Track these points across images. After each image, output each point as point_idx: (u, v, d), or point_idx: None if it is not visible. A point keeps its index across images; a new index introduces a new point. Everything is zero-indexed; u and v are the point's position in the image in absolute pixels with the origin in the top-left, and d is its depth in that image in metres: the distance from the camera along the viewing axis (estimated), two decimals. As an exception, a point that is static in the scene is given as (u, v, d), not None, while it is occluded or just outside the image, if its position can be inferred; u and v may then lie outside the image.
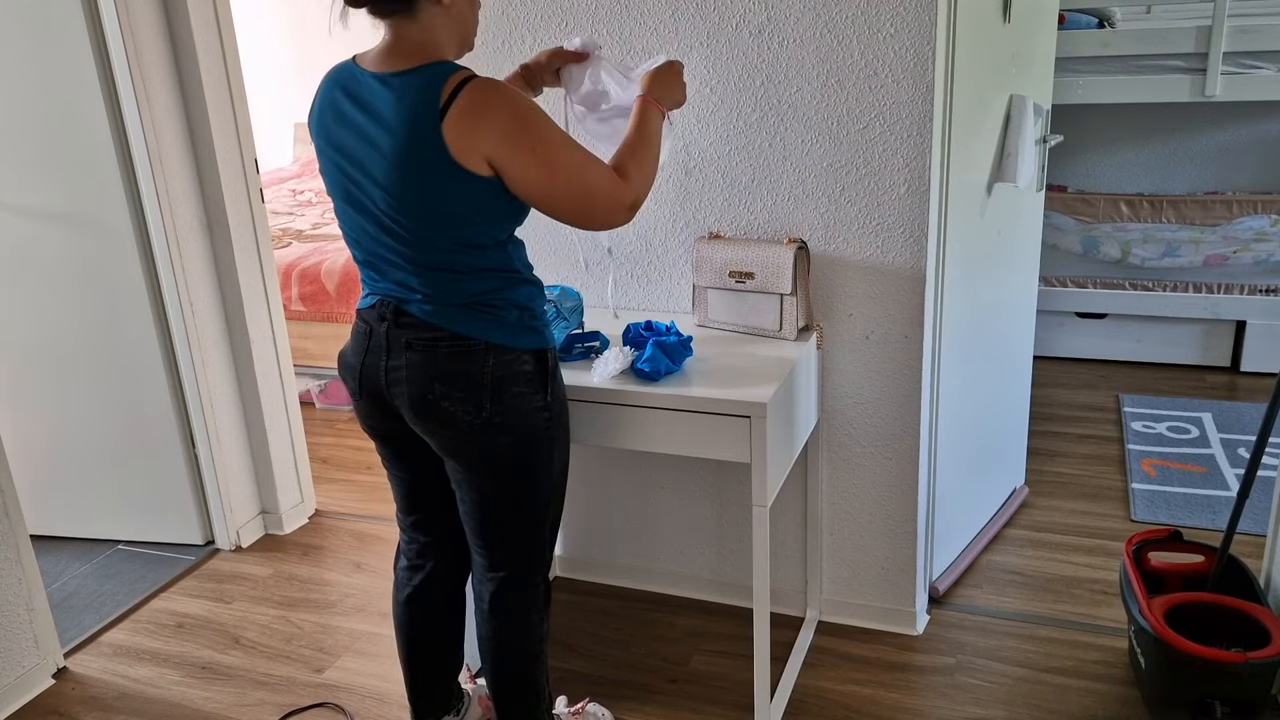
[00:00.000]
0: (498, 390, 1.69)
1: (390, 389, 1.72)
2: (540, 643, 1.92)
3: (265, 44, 5.93)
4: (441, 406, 1.69)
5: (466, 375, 1.67)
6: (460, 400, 1.68)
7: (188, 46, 2.71)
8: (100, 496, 3.08)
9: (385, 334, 1.70)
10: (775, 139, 2.24)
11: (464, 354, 1.67)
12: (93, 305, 2.85)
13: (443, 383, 1.68)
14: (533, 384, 1.73)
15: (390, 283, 1.69)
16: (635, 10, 2.27)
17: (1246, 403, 3.77)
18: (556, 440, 1.80)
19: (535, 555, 1.86)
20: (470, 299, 1.67)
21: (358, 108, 1.60)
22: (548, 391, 1.75)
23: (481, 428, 1.69)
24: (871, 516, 2.44)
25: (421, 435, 1.76)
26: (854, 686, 2.30)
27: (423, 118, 1.52)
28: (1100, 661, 2.34)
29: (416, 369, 1.68)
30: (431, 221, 1.61)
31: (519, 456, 1.74)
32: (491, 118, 1.53)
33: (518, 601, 1.87)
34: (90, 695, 2.43)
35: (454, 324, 1.67)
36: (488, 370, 1.68)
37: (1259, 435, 2.10)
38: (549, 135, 1.59)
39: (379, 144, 1.57)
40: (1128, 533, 2.87)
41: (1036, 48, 2.70)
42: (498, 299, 1.69)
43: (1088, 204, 4.27)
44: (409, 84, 1.55)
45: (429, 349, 1.68)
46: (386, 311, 1.70)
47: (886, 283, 2.24)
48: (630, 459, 2.63)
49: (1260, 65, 3.69)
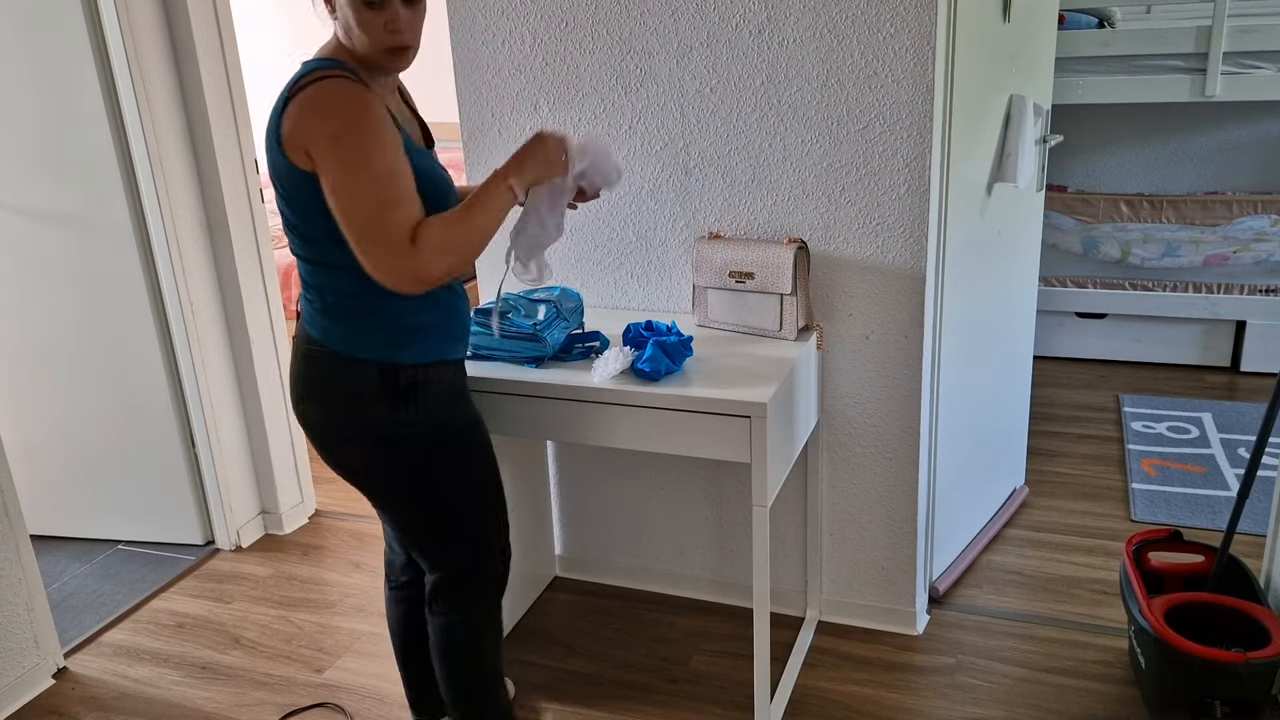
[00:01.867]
0: (346, 402, 1.65)
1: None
2: (473, 655, 1.89)
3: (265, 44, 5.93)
4: (303, 410, 1.69)
5: (320, 383, 1.65)
6: (318, 408, 1.66)
7: (188, 46, 2.71)
8: (100, 496, 3.08)
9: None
10: (775, 139, 2.24)
11: (318, 359, 1.65)
12: (93, 305, 2.85)
13: (305, 388, 1.67)
14: (382, 399, 1.65)
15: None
16: (635, 10, 2.27)
17: (1246, 403, 3.77)
18: (437, 459, 1.72)
19: (464, 563, 1.83)
20: (331, 302, 1.64)
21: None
22: (407, 407, 1.66)
23: (339, 438, 1.67)
24: (871, 516, 2.44)
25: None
26: (854, 686, 2.30)
27: (278, 106, 1.55)
28: (1100, 661, 2.34)
29: (291, 370, 1.70)
30: (289, 215, 1.60)
31: (381, 472, 1.70)
32: (321, 117, 1.50)
33: (453, 604, 1.86)
34: (90, 695, 2.43)
35: (315, 328, 1.66)
36: (337, 380, 1.64)
37: (1259, 435, 2.10)
38: (370, 156, 1.49)
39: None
40: (1128, 533, 2.87)
41: (1036, 48, 2.70)
42: (355, 304, 1.63)
43: (1088, 204, 4.27)
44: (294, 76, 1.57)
45: (298, 352, 1.69)
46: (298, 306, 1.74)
47: (886, 283, 2.24)
48: (630, 459, 2.63)
49: (1260, 65, 3.69)
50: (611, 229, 2.46)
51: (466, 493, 1.78)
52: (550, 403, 2.03)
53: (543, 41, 2.36)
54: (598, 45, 2.32)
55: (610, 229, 2.46)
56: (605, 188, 1.75)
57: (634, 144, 2.37)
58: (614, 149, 2.22)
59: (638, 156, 2.38)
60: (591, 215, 2.47)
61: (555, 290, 2.23)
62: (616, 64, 2.32)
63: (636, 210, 2.42)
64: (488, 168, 2.51)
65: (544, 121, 2.42)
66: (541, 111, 2.42)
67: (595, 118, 2.38)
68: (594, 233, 2.48)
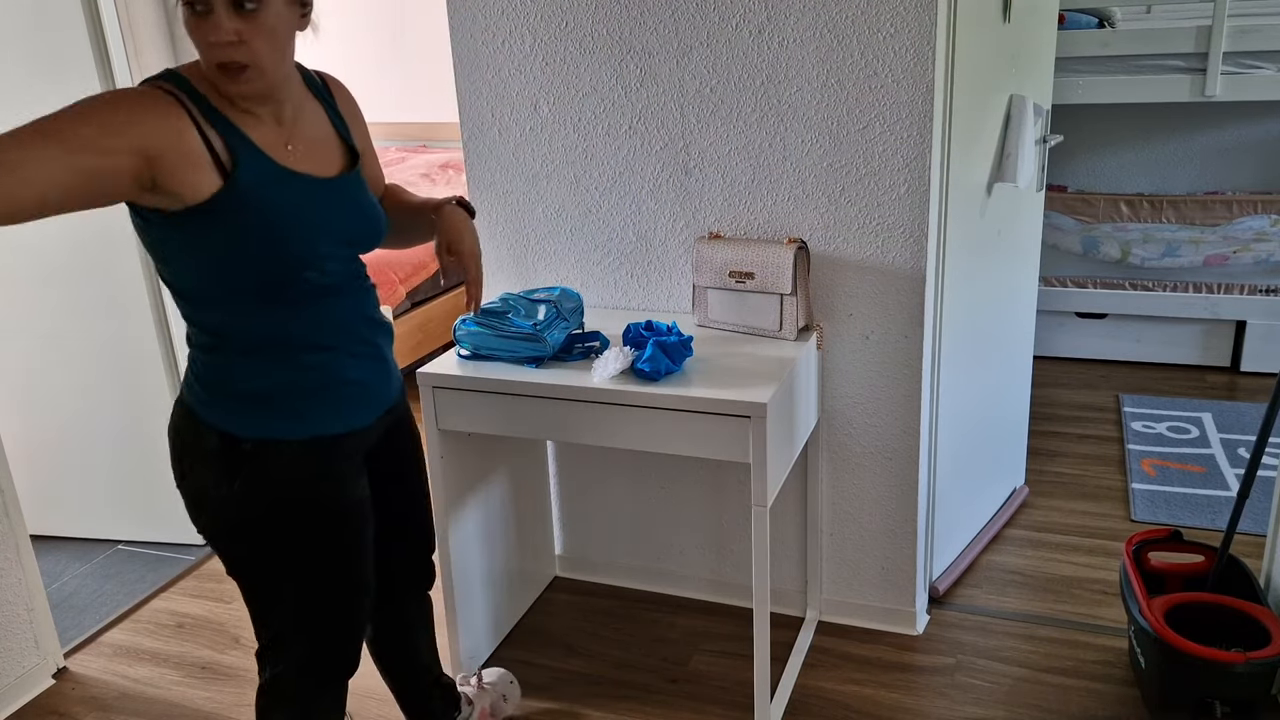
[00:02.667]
0: (182, 459, 1.54)
1: None
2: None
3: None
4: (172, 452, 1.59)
5: (171, 431, 1.56)
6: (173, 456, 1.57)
7: (188, 47, 2.71)
8: (100, 496, 3.08)
9: None
10: (775, 139, 2.24)
11: (176, 406, 1.55)
12: (92, 304, 2.85)
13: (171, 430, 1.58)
14: (215, 466, 1.50)
15: None
16: (635, 10, 2.27)
17: (1246, 403, 3.77)
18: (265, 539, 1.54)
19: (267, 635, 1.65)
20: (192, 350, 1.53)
21: None
22: (236, 481, 1.49)
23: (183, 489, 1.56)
24: (871, 516, 2.44)
25: None
26: (854, 686, 2.30)
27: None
28: (1100, 661, 2.34)
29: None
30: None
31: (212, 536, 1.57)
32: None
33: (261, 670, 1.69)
34: (90, 695, 2.43)
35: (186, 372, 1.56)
36: (178, 434, 1.54)
37: (1259, 435, 2.10)
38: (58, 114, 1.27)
39: None
40: (1128, 533, 2.87)
41: (1036, 48, 2.70)
42: (199, 358, 1.51)
43: (1088, 204, 4.27)
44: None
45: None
46: None
47: (886, 283, 2.24)
48: (630, 459, 2.63)
49: (1260, 65, 3.68)
50: (611, 229, 2.46)
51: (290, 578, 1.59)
52: (550, 403, 2.03)
53: (543, 41, 2.36)
54: (598, 45, 2.32)
55: (610, 229, 2.46)
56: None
57: (634, 144, 2.37)
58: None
59: (638, 156, 2.38)
60: (592, 215, 2.47)
61: (555, 290, 2.23)
62: (616, 64, 2.32)
63: (636, 210, 2.42)
64: (488, 167, 2.51)
65: (544, 121, 2.42)
66: (541, 111, 2.42)
67: (595, 117, 2.38)
68: (594, 233, 2.48)
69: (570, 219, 2.49)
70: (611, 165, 2.41)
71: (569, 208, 2.48)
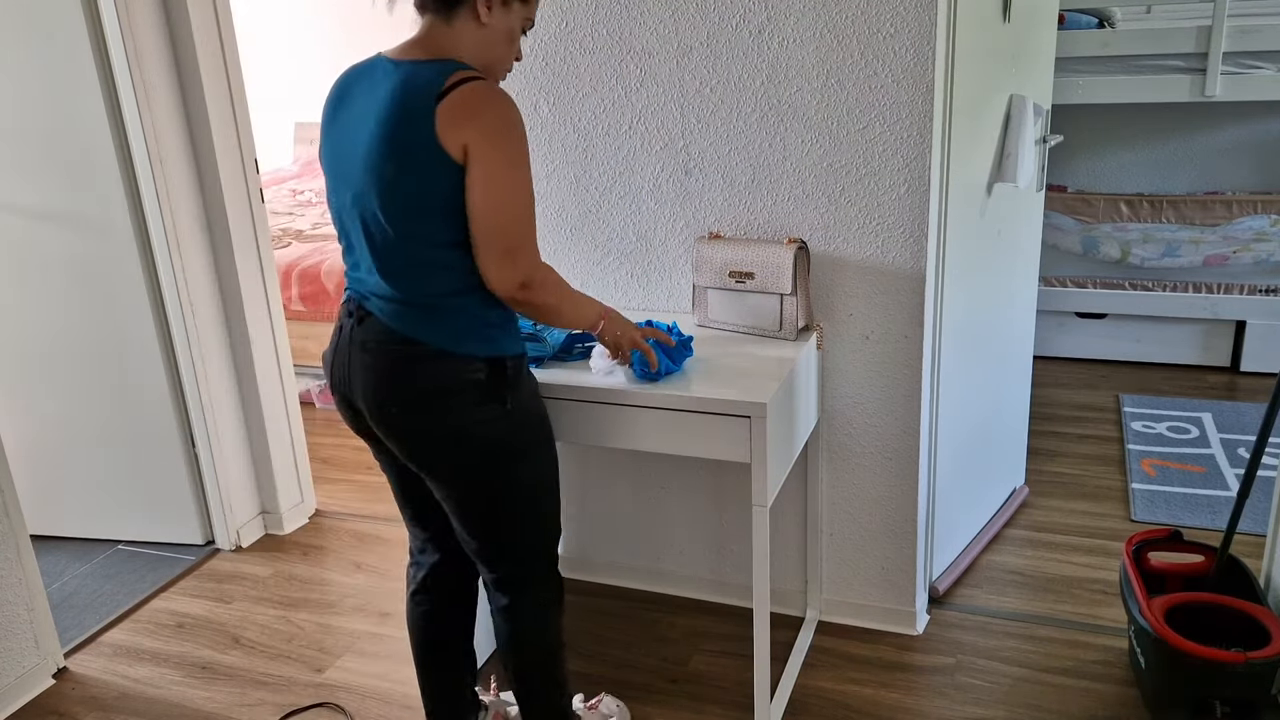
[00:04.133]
0: (447, 399, 1.65)
1: (354, 389, 1.70)
2: (553, 638, 1.92)
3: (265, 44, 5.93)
4: (392, 413, 1.66)
5: (416, 381, 1.64)
6: (413, 408, 1.65)
7: (188, 46, 2.71)
8: (100, 496, 3.08)
9: (349, 333, 1.70)
10: (775, 139, 2.24)
11: (413, 359, 1.64)
12: (93, 305, 2.85)
13: (395, 388, 1.65)
14: (485, 392, 1.67)
15: (363, 274, 1.68)
16: (635, 10, 2.27)
17: (1246, 403, 3.77)
18: (526, 450, 1.75)
19: (523, 556, 1.84)
20: (426, 299, 1.64)
21: (364, 90, 1.62)
22: (505, 400, 1.69)
23: (437, 437, 1.66)
24: (871, 516, 2.44)
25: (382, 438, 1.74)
26: (854, 686, 2.30)
27: (422, 95, 1.55)
28: (1100, 661, 2.34)
29: (370, 373, 1.66)
30: (398, 206, 1.59)
31: (477, 466, 1.70)
32: (485, 113, 1.55)
33: (519, 602, 1.87)
34: (90, 695, 2.43)
35: (406, 326, 1.64)
36: (438, 377, 1.64)
37: (1259, 435, 2.10)
38: (521, 163, 1.59)
39: (372, 120, 1.58)
40: (1128, 533, 2.87)
41: (1036, 48, 2.70)
42: (451, 302, 1.65)
43: (1088, 204, 4.27)
44: (420, 70, 1.58)
45: (381, 352, 1.66)
46: (353, 308, 1.70)
47: (886, 283, 2.24)
48: (630, 459, 2.63)
49: (1260, 65, 3.69)
50: (611, 229, 2.46)
51: (548, 481, 1.82)
52: (550, 403, 2.03)
53: (543, 41, 2.36)
54: (598, 45, 2.32)
55: (610, 229, 2.46)
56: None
57: (634, 144, 2.37)
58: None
59: (638, 156, 2.38)
60: (591, 215, 2.47)
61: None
62: (616, 64, 2.32)
63: (636, 210, 2.42)
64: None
65: (544, 121, 2.42)
66: (541, 111, 2.42)
67: (595, 117, 2.38)
68: (594, 233, 2.48)
69: (570, 219, 2.49)
70: (611, 165, 2.41)
71: (569, 208, 2.48)
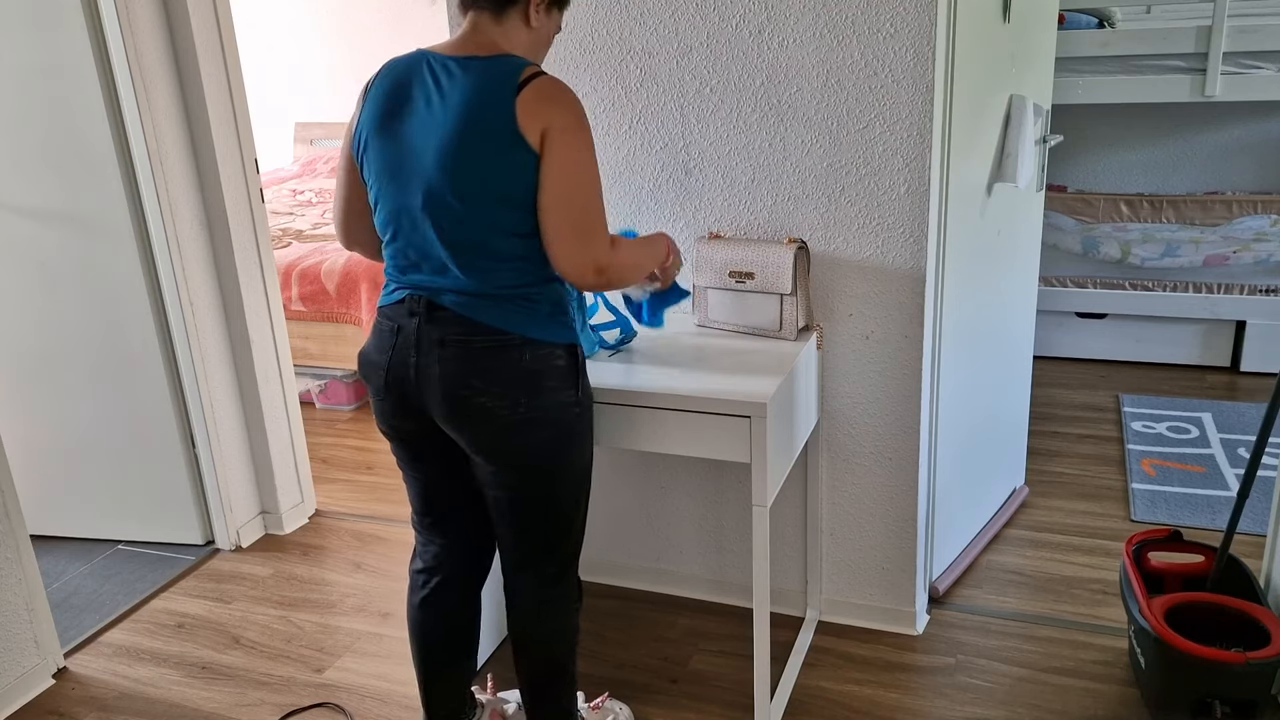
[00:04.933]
0: (534, 385, 1.69)
1: (420, 387, 1.71)
2: (573, 635, 1.94)
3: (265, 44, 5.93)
4: (477, 403, 1.68)
5: (503, 370, 1.68)
6: (497, 395, 1.68)
7: (188, 46, 2.71)
8: (100, 496, 3.08)
9: (416, 330, 1.69)
10: (775, 139, 2.24)
11: (500, 349, 1.67)
12: (93, 305, 2.85)
13: (479, 378, 1.67)
14: (565, 378, 1.73)
15: (425, 274, 1.69)
16: (635, 10, 2.27)
17: (1246, 403, 3.77)
18: (585, 435, 1.81)
19: (565, 550, 1.87)
20: (505, 291, 1.67)
21: (430, 88, 1.64)
22: (578, 387, 1.76)
23: (518, 423, 1.70)
24: (871, 516, 2.44)
25: (451, 433, 1.74)
26: (854, 686, 2.30)
27: (499, 89, 1.60)
28: (1100, 661, 2.34)
29: (450, 364, 1.68)
30: (477, 197, 1.61)
31: (552, 452, 1.75)
32: (564, 105, 1.62)
33: (549, 597, 1.89)
34: (90, 695, 2.43)
35: (489, 317, 1.67)
36: (525, 364, 1.68)
37: (1259, 435, 2.10)
38: (592, 152, 1.65)
39: (446, 117, 1.61)
40: (1128, 533, 2.87)
41: (1036, 48, 2.70)
42: (532, 292, 1.70)
43: (1088, 204, 4.28)
44: (491, 66, 1.62)
45: (462, 345, 1.67)
46: (417, 306, 1.69)
47: (886, 283, 2.25)
48: (631, 459, 2.63)
49: (1260, 65, 3.69)
50: (611, 228, 2.46)
51: (588, 471, 1.86)
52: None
53: (543, 41, 2.36)
54: (598, 45, 2.32)
55: (610, 229, 2.46)
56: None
57: (634, 144, 2.37)
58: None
59: (638, 156, 2.38)
60: (591, 215, 2.47)
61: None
62: (616, 64, 2.32)
63: (636, 210, 2.42)
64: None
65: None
66: (541, 111, 2.42)
67: (595, 117, 2.38)
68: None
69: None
70: (611, 165, 2.41)
71: (569, 208, 2.48)
